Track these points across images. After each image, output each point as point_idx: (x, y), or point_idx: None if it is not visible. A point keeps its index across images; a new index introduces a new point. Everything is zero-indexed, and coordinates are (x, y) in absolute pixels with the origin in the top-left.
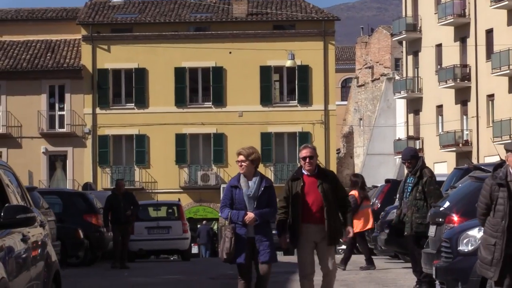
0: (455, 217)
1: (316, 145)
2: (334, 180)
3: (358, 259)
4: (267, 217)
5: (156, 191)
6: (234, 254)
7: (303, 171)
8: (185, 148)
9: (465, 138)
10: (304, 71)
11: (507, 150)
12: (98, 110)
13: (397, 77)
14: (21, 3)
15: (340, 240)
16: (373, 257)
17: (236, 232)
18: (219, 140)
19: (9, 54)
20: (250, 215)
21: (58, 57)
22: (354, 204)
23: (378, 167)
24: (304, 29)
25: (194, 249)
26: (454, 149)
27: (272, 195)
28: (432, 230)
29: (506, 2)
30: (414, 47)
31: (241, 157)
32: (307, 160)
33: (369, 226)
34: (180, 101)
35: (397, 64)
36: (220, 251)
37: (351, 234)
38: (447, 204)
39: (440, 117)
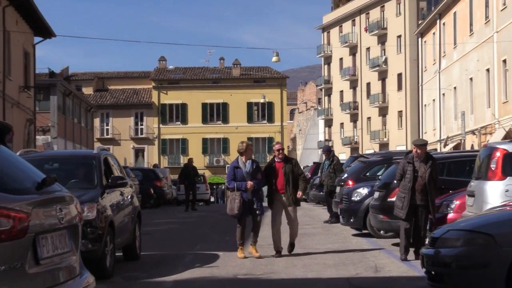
0: (350, 182)
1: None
2: (295, 164)
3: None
4: (258, 185)
5: None
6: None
7: (276, 159)
8: (207, 146)
9: (355, 140)
10: (270, 105)
11: (414, 145)
12: (161, 126)
13: (319, 108)
14: (117, 67)
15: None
16: (305, 204)
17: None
18: (225, 142)
19: (113, 95)
20: (250, 183)
21: (140, 97)
22: None
23: (309, 155)
24: (271, 83)
25: (212, 199)
26: (349, 146)
27: (260, 172)
28: (338, 189)
29: (378, 68)
30: (328, 92)
31: (243, 146)
32: (280, 151)
33: None
34: (204, 120)
35: (319, 101)
36: (229, 209)
37: (299, 196)
38: (345, 175)
39: (342, 129)
